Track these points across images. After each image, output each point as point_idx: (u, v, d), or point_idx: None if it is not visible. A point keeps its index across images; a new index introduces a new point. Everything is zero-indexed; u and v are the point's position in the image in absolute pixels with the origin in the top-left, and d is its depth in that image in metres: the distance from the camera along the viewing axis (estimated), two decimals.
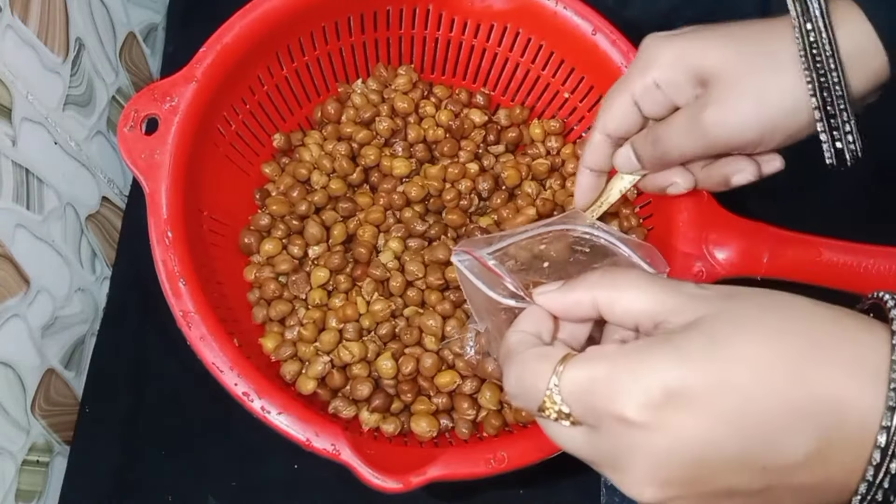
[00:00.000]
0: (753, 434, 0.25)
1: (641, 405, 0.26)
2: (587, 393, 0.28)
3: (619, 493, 0.54)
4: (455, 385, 0.52)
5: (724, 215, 0.52)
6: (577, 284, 0.32)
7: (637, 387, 0.26)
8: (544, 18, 0.58)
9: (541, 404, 0.29)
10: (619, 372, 0.27)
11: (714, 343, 0.26)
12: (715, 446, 0.26)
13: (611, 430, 0.27)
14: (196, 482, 0.57)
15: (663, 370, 0.26)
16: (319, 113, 0.61)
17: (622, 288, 0.30)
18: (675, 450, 0.26)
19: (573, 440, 0.29)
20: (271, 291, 0.55)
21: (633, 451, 0.27)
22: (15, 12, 0.51)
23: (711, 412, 0.26)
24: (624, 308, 0.30)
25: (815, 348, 0.26)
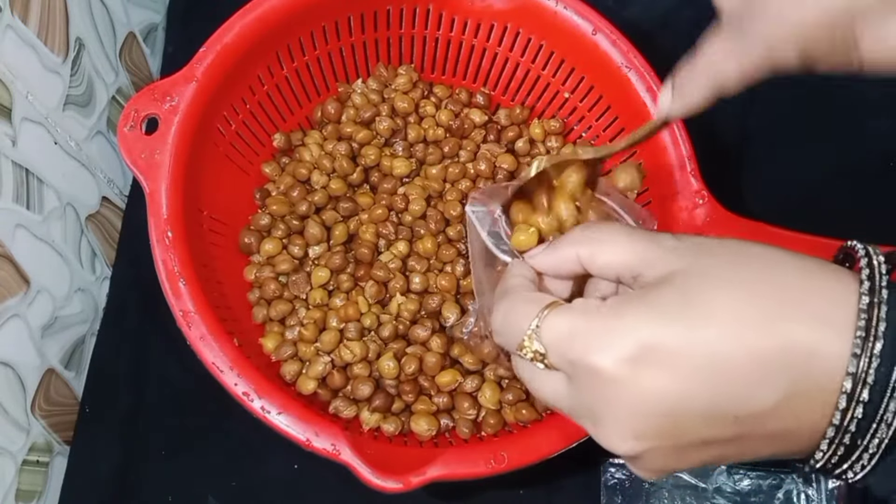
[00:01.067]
0: (724, 386, 0.26)
1: (616, 359, 0.27)
2: (565, 342, 0.29)
3: (619, 493, 0.54)
4: (456, 384, 0.52)
5: (724, 215, 0.52)
6: (561, 242, 0.33)
7: (612, 341, 0.27)
8: (544, 18, 0.58)
9: (519, 342, 0.30)
10: (595, 326, 0.28)
11: (686, 299, 0.27)
12: (687, 399, 0.27)
13: (586, 381, 0.28)
14: (196, 482, 0.57)
15: (637, 326, 0.27)
16: (319, 113, 0.61)
17: (602, 242, 0.31)
18: (649, 403, 0.27)
19: (552, 387, 0.30)
20: (271, 291, 0.55)
21: (608, 403, 0.28)
22: (15, 12, 0.51)
23: (683, 366, 0.26)
24: (605, 261, 0.31)
25: (785, 299, 0.27)
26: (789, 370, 0.26)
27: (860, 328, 0.25)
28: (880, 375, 0.25)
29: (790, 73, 0.35)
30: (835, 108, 0.69)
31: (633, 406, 0.27)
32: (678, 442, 0.28)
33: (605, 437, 0.28)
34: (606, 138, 0.60)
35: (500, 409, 0.52)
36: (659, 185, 0.55)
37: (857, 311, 0.26)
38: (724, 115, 0.67)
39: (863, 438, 0.26)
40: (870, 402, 0.25)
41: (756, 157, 0.67)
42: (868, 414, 0.26)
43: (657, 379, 0.27)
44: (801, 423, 0.27)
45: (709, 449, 0.28)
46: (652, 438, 0.27)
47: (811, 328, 0.26)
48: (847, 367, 0.25)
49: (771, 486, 0.53)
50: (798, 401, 0.26)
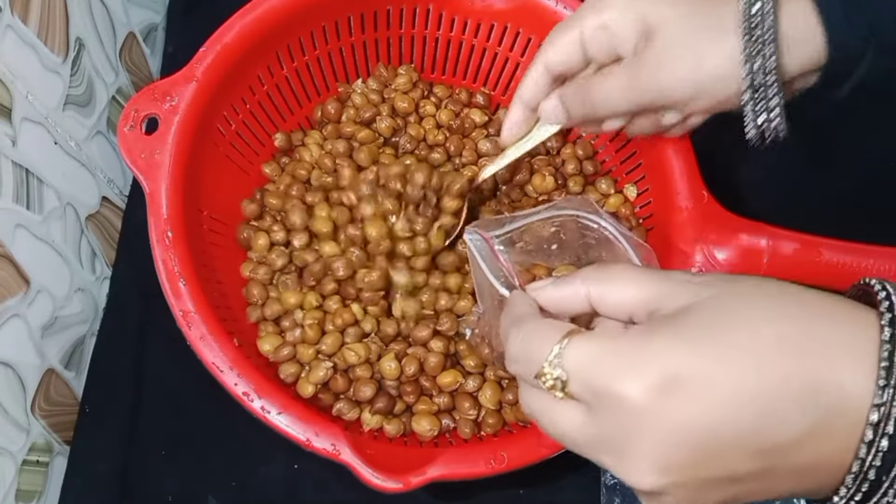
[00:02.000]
0: (752, 417, 0.26)
1: (644, 387, 0.26)
2: (590, 369, 0.28)
3: (619, 493, 0.54)
4: (457, 384, 0.52)
5: (724, 215, 0.52)
6: (570, 278, 0.32)
7: (640, 369, 0.27)
8: (545, 18, 0.58)
9: (539, 370, 0.29)
10: (623, 352, 0.27)
11: (712, 330, 0.27)
12: (715, 429, 0.26)
13: (610, 410, 0.27)
14: (196, 482, 0.57)
15: (666, 354, 0.27)
16: (320, 112, 0.61)
17: (614, 279, 0.31)
18: (677, 433, 0.26)
19: (569, 420, 0.29)
20: (265, 291, 0.55)
21: (633, 434, 0.27)
22: (15, 12, 0.51)
23: (712, 396, 0.26)
24: (617, 299, 0.30)
25: (810, 330, 0.26)
26: (816, 402, 0.25)
27: (884, 359, 0.25)
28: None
29: None
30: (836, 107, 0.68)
31: (660, 436, 0.26)
32: (703, 476, 0.27)
33: (628, 471, 0.27)
34: (606, 137, 0.60)
35: (500, 410, 0.52)
36: (659, 185, 0.55)
37: (879, 343, 0.25)
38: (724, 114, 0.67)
39: (888, 473, 0.26)
40: (895, 435, 0.25)
41: (756, 157, 0.67)
42: (893, 447, 0.25)
43: (686, 409, 0.26)
44: (826, 456, 0.26)
45: (733, 485, 0.27)
46: (677, 471, 0.27)
47: (837, 359, 0.26)
48: (873, 399, 0.25)
49: None
50: (824, 431, 0.26)
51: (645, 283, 0.30)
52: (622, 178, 0.59)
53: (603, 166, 0.61)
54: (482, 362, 0.53)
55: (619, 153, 0.59)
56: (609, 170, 0.61)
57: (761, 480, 0.27)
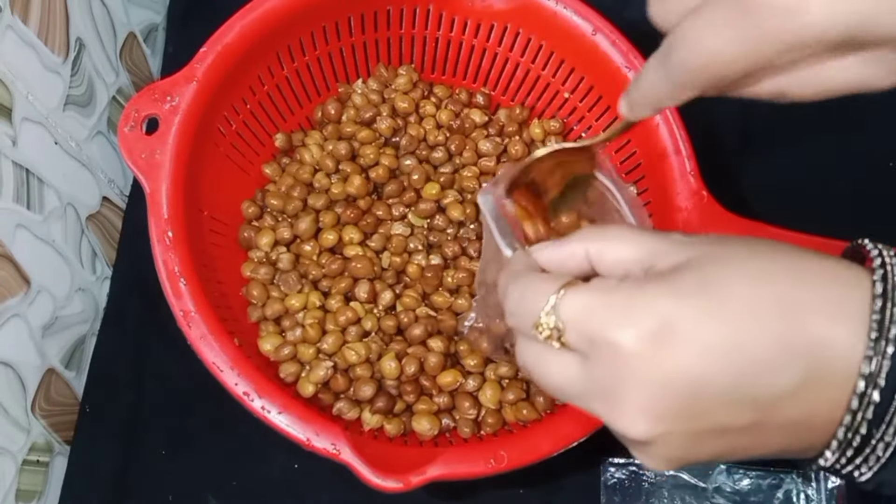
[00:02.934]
0: (744, 368, 0.26)
1: (637, 334, 0.27)
2: (584, 317, 0.28)
3: (619, 493, 0.54)
4: (457, 384, 0.52)
5: (724, 215, 0.52)
6: (570, 238, 0.33)
7: (634, 317, 0.27)
8: (544, 18, 0.58)
9: (536, 320, 0.30)
10: (616, 301, 0.28)
11: (705, 281, 0.27)
12: (708, 378, 0.26)
13: (604, 358, 0.28)
14: (196, 482, 0.57)
15: (659, 303, 0.27)
16: (320, 113, 0.61)
17: (612, 238, 0.31)
18: (670, 381, 0.26)
19: (563, 370, 0.30)
20: (266, 291, 0.55)
21: (626, 380, 0.27)
22: (15, 12, 0.51)
23: (705, 345, 0.26)
24: (614, 257, 0.31)
25: (802, 286, 0.27)
26: (808, 356, 0.26)
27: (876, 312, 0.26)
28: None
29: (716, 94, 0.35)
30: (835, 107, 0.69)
31: (652, 384, 0.27)
32: (695, 426, 0.27)
33: (620, 419, 0.28)
34: None
35: (500, 409, 0.52)
36: (658, 184, 0.55)
37: (871, 297, 0.26)
38: (724, 114, 0.68)
39: (878, 426, 0.26)
40: (886, 388, 0.25)
41: (756, 157, 0.67)
42: (884, 399, 0.26)
43: (679, 357, 0.26)
44: (818, 411, 0.27)
45: (724, 438, 0.27)
46: (669, 420, 0.27)
47: (830, 313, 0.26)
48: (865, 352, 0.25)
49: (770, 486, 0.54)
50: (816, 385, 0.26)
51: (642, 241, 0.30)
52: (623, 178, 0.59)
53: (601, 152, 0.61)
54: (482, 362, 0.53)
55: (618, 153, 0.59)
56: None
57: (753, 434, 0.27)
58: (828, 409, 0.26)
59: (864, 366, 0.25)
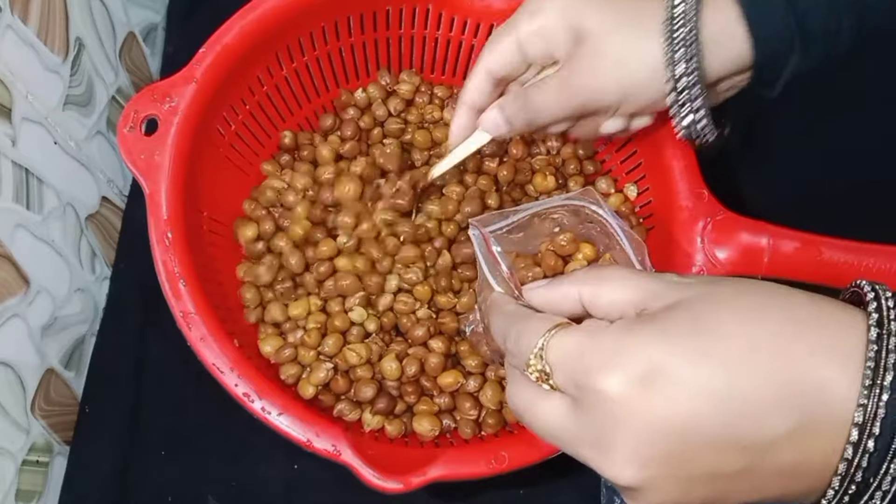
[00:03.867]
0: (734, 412, 0.26)
1: (624, 380, 0.26)
2: (572, 361, 0.28)
3: (619, 493, 0.54)
4: (458, 385, 0.52)
5: (725, 214, 0.52)
6: (564, 280, 0.33)
7: (621, 361, 0.27)
8: None
9: (526, 361, 0.30)
10: (605, 345, 0.28)
11: (696, 322, 0.27)
12: (697, 423, 0.26)
13: (592, 403, 0.27)
14: (196, 482, 0.57)
15: (648, 346, 0.27)
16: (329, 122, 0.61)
17: (606, 281, 0.31)
18: (658, 426, 0.26)
19: (554, 413, 0.29)
20: (259, 294, 0.55)
21: (613, 427, 0.27)
22: (15, 12, 0.51)
23: (694, 389, 0.26)
24: (608, 300, 0.31)
25: (796, 328, 0.26)
26: (801, 399, 0.25)
27: (870, 359, 0.25)
28: (891, 407, 0.25)
29: None
30: (835, 108, 0.69)
31: (640, 429, 0.26)
32: (684, 472, 0.27)
33: (609, 466, 0.27)
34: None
35: (500, 410, 0.52)
36: (659, 184, 0.55)
37: (866, 342, 0.25)
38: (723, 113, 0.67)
39: (875, 475, 0.25)
40: (881, 435, 0.25)
41: (756, 156, 0.67)
42: (880, 448, 0.25)
43: (667, 402, 0.26)
44: (811, 457, 0.26)
45: (715, 483, 0.27)
46: (658, 466, 0.27)
47: (824, 357, 0.26)
48: (858, 399, 0.25)
49: None
50: (809, 431, 0.26)
51: (635, 284, 0.30)
52: (622, 178, 0.59)
53: (603, 166, 0.61)
54: (483, 362, 0.53)
55: (619, 153, 0.59)
56: (609, 169, 0.61)
57: (745, 480, 0.27)
58: (822, 455, 0.26)
59: (858, 414, 0.25)
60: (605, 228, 0.49)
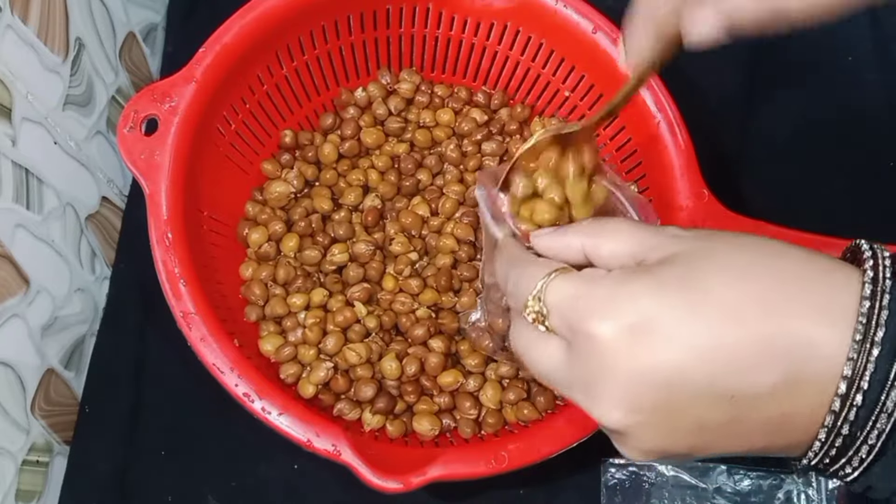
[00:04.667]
0: (722, 364, 0.26)
1: (615, 327, 0.27)
2: (567, 305, 0.29)
3: (619, 493, 0.54)
4: (458, 384, 0.52)
5: (725, 214, 0.52)
6: (568, 229, 0.33)
7: (613, 309, 0.27)
8: (545, 17, 0.58)
9: (524, 302, 0.31)
10: (599, 292, 0.28)
11: (689, 276, 0.27)
12: (684, 373, 0.26)
13: (584, 347, 0.28)
14: (196, 482, 0.57)
15: (640, 297, 0.27)
16: (329, 121, 0.61)
17: (608, 232, 0.31)
18: (646, 373, 0.27)
19: (549, 354, 0.30)
20: (266, 290, 0.55)
21: (603, 371, 0.27)
22: (15, 12, 0.51)
23: (683, 340, 0.26)
24: (609, 250, 0.31)
25: (787, 284, 0.27)
26: (788, 355, 0.26)
27: (862, 314, 0.25)
28: (881, 363, 0.25)
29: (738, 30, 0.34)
30: (835, 107, 0.69)
31: (628, 375, 0.27)
32: (670, 420, 0.27)
33: (597, 408, 0.28)
34: (606, 136, 0.60)
35: (500, 409, 0.52)
36: (659, 183, 0.55)
37: (859, 299, 0.26)
38: (724, 114, 0.67)
39: (861, 429, 0.26)
40: (869, 390, 0.25)
41: (756, 156, 0.67)
42: (868, 403, 0.25)
43: (656, 350, 0.26)
44: (798, 411, 0.26)
45: (701, 433, 0.28)
46: (644, 412, 0.27)
47: (814, 313, 0.26)
48: (848, 353, 0.25)
49: (771, 487, 0.53)
50: (796, 385, 0.26)
51: (636, 235, 0.30)
52: (623, 177, 0.59)
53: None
54: (483, 361, 0.53)
55: (619, 152, 0.59)
56: None
57: (731, 431, 0.27)
58: (809, 409, 0.26)
59: (847, 368, 0.25)
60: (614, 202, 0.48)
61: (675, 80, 0.54)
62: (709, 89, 0.67)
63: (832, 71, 0.69)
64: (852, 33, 0.70)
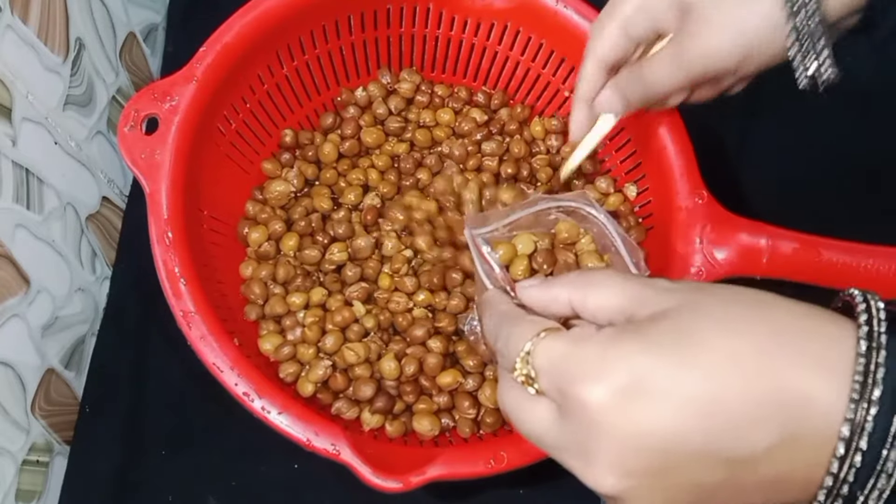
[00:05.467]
0: (717, 424, 0.26)
1: (607, 390, 0.26)
2: (556, 368, 0.28)
3: None
4: (457, 384, 0.52)
5: (724, 214, 0.52)
6: (555, 282, 0.33)
7: (604, 371, 0.27)
8: (544, 17, 0.58)
9: (512, 364, 0.30)
10: (588, 353, 0.28)
11: (681, 333, 0.27)
12: (679, 434, 0.26)
13: (575, 412, 0.27)
14: (196, 482, 0.57)
15: (631, 357, 0.27)
16: (329, 120, 0.61)
17: (595, 285, 0.31)
18: (640, 436, 0.26)
19: (539, 417, 0.29)
20: (266, 289, 0.55)
21: (596, 437, 0.27)
22: (15, 12, 0.51)
23: (676, 401, 0.26)
24: (596, 304, 0.31)
25: (782, 340, 0.26)
26: (785, 412, 0.25)
27: (859, 373, 0.25)
28: (879, 422, 0.24)
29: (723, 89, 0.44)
30: (835, 107, 0.69)
31: (621, 440, 0.26)
32: (665, 482, 0.27)
33: (591, 474, 0.28)
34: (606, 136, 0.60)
35: (498, 409, 0.52)
36: (659, 184, 0.55)
37: (854, 357, 0.25)
38: (724, 114, 0.67)
39: (862, 490, 0.25)
40: (868, 451, 0.25)
41: (756, 156, 0.67)
42: (867, 463, 0.25)
43: (649, 412, 0.26)
44: (796, 471, 0.26)
45: (697, 493, 0.27)
46: (639, 476, 0.27)
47: (809, 370, 0.25)
48: (845, 413, 0.25)
49: None
50: (793, 445, 0.25)
51: (624, 288, 0.30)
52: (622, 178, 0.59)
53: (602, 165, 0.61)
54: (481, 361, 0.53)
55: (618, 152, 0.59)
56: (609, 169, 0.61)
57: (728, 491, 0.27)
58: (805, 468, 0.26)
59: (845, 428, 0.25)
60: (602, 230, 0.49)
61: None
62: None
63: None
64: None
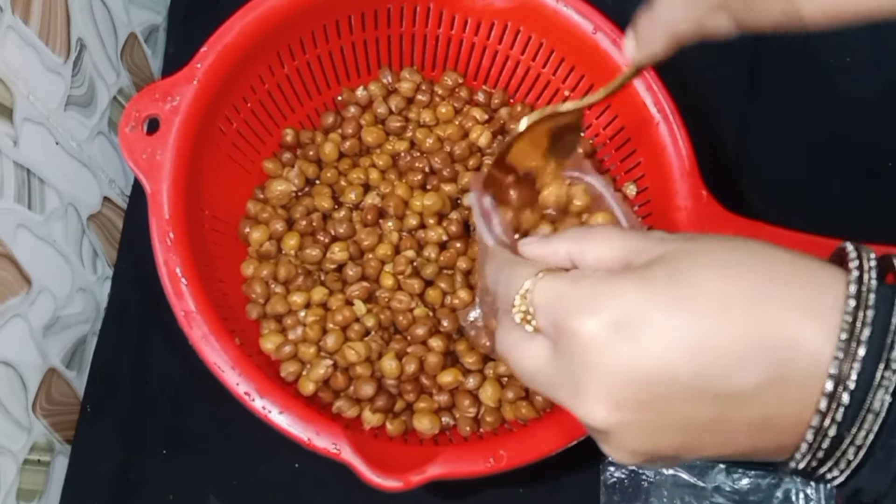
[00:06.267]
0: (706, 362, 0.26)
1: (598, 324, 0.27)
2: (553, 303, 0.29)
3: (618, 492, 0.54)
4: (457, 383, 0.52)
5: (723, 214, 0.52)
6: (555, 237, 0.33)
7: (597, 306, 0.28)
8: (545, 17, 0.58)
9: (511, 301, 0.31)
10: (583, 289, 0.28)
11: (674, 275, 0.27)
12: (668, 370, 0.26)
13: (568, 344, 0.28)
14: (197, 481, 0.57)
15: (624, 294, 0.27)
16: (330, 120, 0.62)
17: (594, 238, 0.32)
18: (630, 369, 0.27)
19: (535, 354, 0.30)
20: (267, 288, 0.55)
21: (586, 367, 0.27)
22: (16, 13, 0.51)
23: (667, 337, 0.26)
24: (595, 255, 0.31)
25: (773, 285, 0.27)
26: (773, 354, 0.26)
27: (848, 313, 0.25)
28: (867, 364, 0.25)
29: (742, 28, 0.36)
30: (835, 107, 0.69)
31: (612, 371, 0.27)
32: (654, 418, 0.27)
33: (581, 405, 0.28)
34: (606, 136, 0.60)
35: (499, 407, 0.52)
36: (658, 184, 0.55)
37: (844, 299, 0.26)
38: (724, 114, 0.68)
39: (848, 430, 0.26)
40: (856, 390, 0.25)
41: (756, 156, 0.67)
42: (854, 402, 0.25)
43: (640, 345, 0.27)
44: (783, 412, 0.26)
45: (686, 432, 0.28)
46: (628, 410, 0.27)
47: (799, 313, 0.26)
48: (834, 353, 0.25)
49: (770, 486, 0.54)
50: (781, 386, 0.26)
51: (622, 240, 0.31)
52: (621, 177, 0.59)
53: (602, 164, 0.61)
54: (481, 360, 0.53)
55: (618, 152, 0.59)
56: (608, 168, 0.61)
57: (716, 431, 0.27)
58: (793, 410, 0.26)
59: (833, 367, 0.25)
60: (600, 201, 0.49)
61: (674, 80, 0.54)
62: (708, 89, 0.67)
63: (831, 71, 0.70)
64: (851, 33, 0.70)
